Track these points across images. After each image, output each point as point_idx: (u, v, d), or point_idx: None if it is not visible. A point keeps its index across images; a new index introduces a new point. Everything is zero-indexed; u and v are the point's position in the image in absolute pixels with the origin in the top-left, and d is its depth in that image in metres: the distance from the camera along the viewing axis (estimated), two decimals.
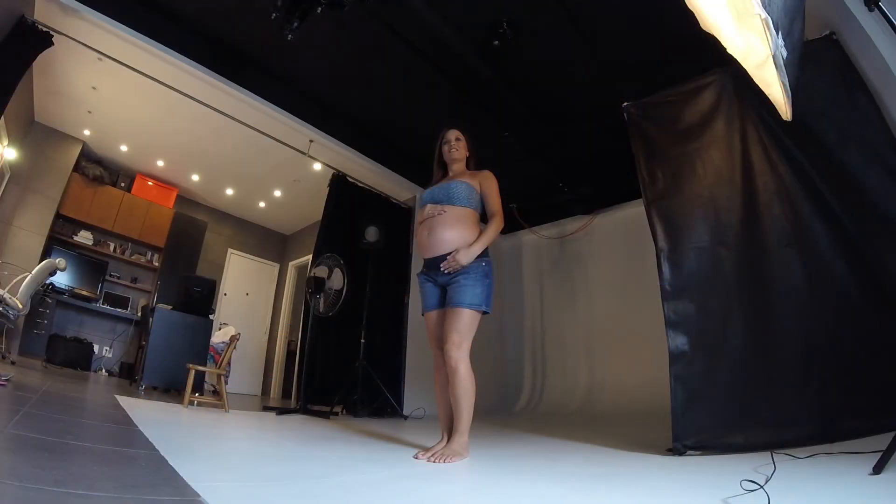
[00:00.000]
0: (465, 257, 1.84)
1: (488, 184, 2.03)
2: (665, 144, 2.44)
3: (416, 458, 1.72)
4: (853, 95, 1.99)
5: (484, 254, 1.91)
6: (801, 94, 1.38)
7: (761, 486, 1.14)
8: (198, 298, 4.49)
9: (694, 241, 2.21)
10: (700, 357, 2.05)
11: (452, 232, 1.91)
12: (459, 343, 1.79)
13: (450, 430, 1.85)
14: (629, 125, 2.58)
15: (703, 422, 1.94)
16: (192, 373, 3.12)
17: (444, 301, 1.92)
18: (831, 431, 1.72)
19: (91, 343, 5.08)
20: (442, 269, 1.88)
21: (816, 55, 2.02)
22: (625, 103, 2.61)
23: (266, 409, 3.97)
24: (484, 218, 2.04)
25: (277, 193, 6.04)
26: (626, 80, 3.25)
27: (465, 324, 1.81)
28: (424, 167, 2.24)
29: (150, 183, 5.88)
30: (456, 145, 2.11)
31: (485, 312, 1.87)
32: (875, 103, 1.95)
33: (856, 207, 1.91)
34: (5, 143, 4.03)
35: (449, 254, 1.88)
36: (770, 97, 1.33)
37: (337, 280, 3.76)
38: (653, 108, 2.55)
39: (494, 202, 2.01)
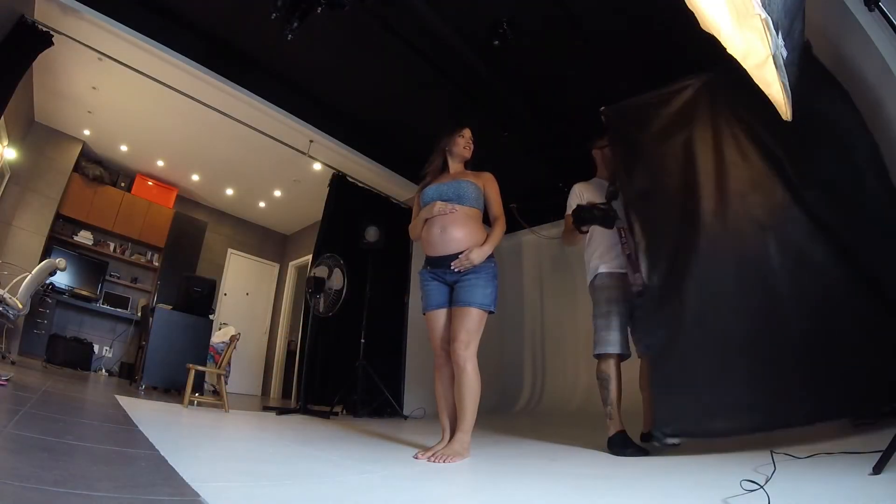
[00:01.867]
0: (479, 256, 1.87)
1: (492, 186, 2.06)
2: (643, 144, 2.45)
3: (417, 457, 1.72)
4: (827, 92, 2.01)
5: (491, 255, 1.93)
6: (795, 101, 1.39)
7: (761, 486, 1.14)
8: (198, 298, 4.49)
9: (673, 234, 2.20)
10: (679, 345, 2.03)
11: (464, 231, 1.92)
12: (468, 342, 1.80)
13: (451, 430, 1.85)
14: (608, 128, 2.58)
15: (682, 409, 1.93)
16: (192, 373, 3.13)
17: (451, 300, 1.92)
18: (810, 414, 1.73)
19: (91, 343, 5.08)
20: (453, 267, 1.88)
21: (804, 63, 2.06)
22: (602, 108, 2.61)
23: (266, 409, 3.97)
24: (484, 219, 2.05)
25: (277, 193, 6.03)
26: (625, 79, 3.25)
27: (474, 323, 1.82)
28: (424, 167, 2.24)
29: (150, 183, 5.88)
30: (470, 144, 2.13)
31: (490, 312, 1.88)
32: (849, 99, 1.96)
33: (832, 197, 1.92)
34: (5, 143, 4.02)
35: (459, 253, 1.88)
36: (770, 97, 1.33)
37: (337, 280, 3.76)
38: (632, 110, 2.56)
39: (498, 205, 2.04)
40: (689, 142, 2.30)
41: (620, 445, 1.99)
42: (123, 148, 5.27)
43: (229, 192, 6.15)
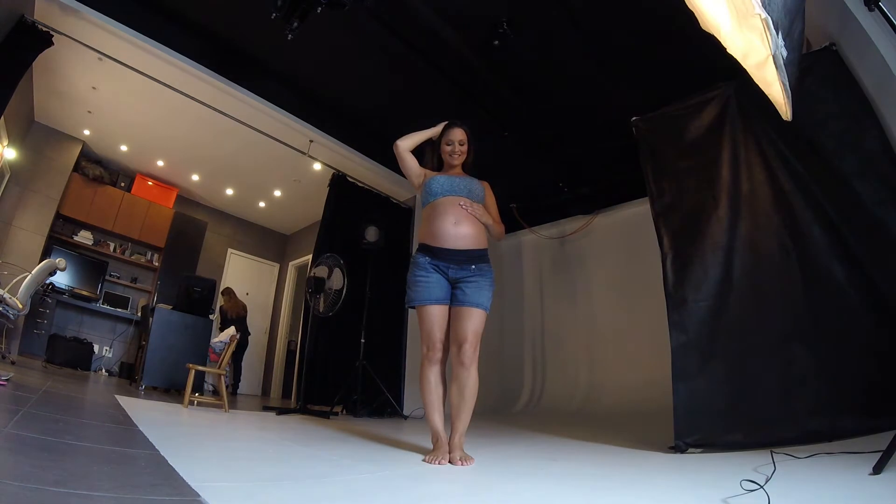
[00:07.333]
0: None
1: (489, 193, 2.08)
2: (672, 158, 2.51)
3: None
4: (851, 105, 2.01)
5: (488, 258, 1.94)
6: (799, 105, 1.39)
7: (761, 486, 1.14)
8: (198, 298, 4.49)
9: (698, 249, 2.24)
10: (701, 357, 2.07)
11: (476, 228, 1.93)
12: (476, 344, 1.81)
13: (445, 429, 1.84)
14: (638, 139, 2.64)
15: (704, 420, 1.96)
16: (192, 373, 3.12)
17: (451, 297, 1.90)
18: (829, 430, 1.74)
19: (91, 343, 5.08)
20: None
21: (817, 65, 2.06)
22: (634, 118, 2.66)
23: (266, 408, 3.97)
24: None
25: (277, 193, 6.03)
26: (625, 79, 3.25)
27: (482, 325, 1.84)
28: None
29: (150, 183, 5.88)
30: (459, 150, 2.04)
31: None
32: (872, 112, 1.96)
33: (852, 214, 1.94)
34: (5, 143, 4.02)
35: (468, 250, 1.88)
36: (770, 97, 1.33)
37: (337, 280, 3.76)
38: (660, 121, 2.60)
39: (495, 209, 2.07)
40: (718, 158, 2.33)
41: None
42: (123, 148, 5.27)
43: (229, 192, 6.15)
